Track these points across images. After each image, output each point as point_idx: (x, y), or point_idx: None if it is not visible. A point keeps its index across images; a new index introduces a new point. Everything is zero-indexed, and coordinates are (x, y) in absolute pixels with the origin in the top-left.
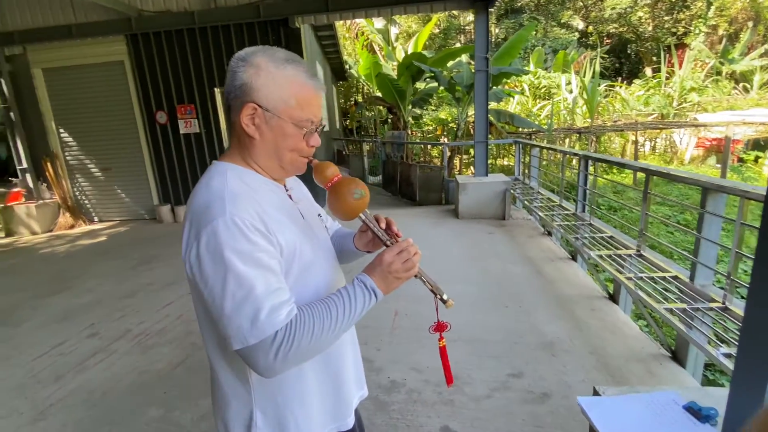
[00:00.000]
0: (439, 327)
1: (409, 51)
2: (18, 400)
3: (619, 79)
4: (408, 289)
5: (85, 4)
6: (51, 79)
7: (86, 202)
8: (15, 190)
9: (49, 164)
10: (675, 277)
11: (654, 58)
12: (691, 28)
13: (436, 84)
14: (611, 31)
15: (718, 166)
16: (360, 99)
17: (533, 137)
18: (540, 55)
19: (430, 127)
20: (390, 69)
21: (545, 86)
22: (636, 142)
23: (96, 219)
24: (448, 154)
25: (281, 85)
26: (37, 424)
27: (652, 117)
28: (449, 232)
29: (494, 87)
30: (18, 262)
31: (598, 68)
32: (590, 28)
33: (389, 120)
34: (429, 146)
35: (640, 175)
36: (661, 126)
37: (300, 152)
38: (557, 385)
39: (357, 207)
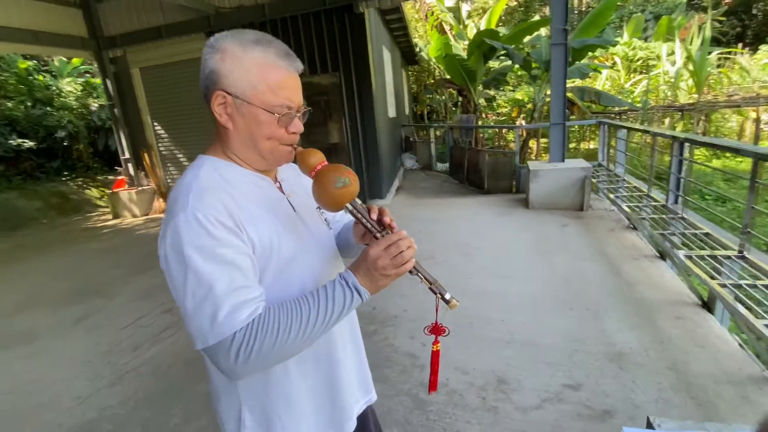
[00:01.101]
0: (436, 330)
1: (482, 28)
2: (102, 365)
3: (740, 45)
4: (468, 285)
5: (171, 6)
6: (146, 77)
7: None
8: (119, 177)
9: (146, 155)
10: None
11: None
12: None
13: (510, 62)
14: None
15: None
16: (431, 82)
17: (624, 117)
18: (638, 23)
19: (505, 109)
20: (460, 49)
21: (642, 58)
22: (758, 120)
23: None
24: (522, 137)
25: (248, 68)
26: (114, 388)
27: None
28: (516, 223)
29: (577, 62)
30: (120, 242)
31: (708, 33)
32: None
33: (460, 103)
34: (504, 130)
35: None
36: None
37: (279, 140)
38: (622, 402)
39: (341, 196)
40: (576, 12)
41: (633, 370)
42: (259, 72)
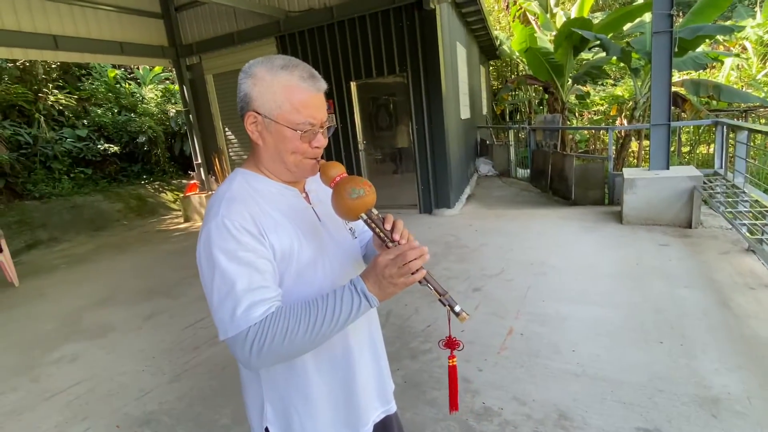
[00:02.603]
0: (450, 344)
1: (573, 17)
2: (164, 362)
3: None
4: (538, 308)
5: (244, 13)
6: (218, 83)
7: None
8: (191, 182)
9: (216, 159)
10: None
11: None
12: None
13: (604, 54)
14: None
15: None
16: (511, 78)
17: (753, 116)
18: None
19: (602, 107)
20: (547, 41)
21: None
22: None
23: None
24: (621, 141)
25: (275, 91)
26: (172, 385)
27: None
28: (604, 239)
29: (689, 50)
30: (190, 244)
31: None
32: None
33: (545, 100)
34: (600, 132)
35: None
36: None
37: (303, 154)
38: None
39: (356, 207)
40: None
41: (729, 419)
42: (284, 93)
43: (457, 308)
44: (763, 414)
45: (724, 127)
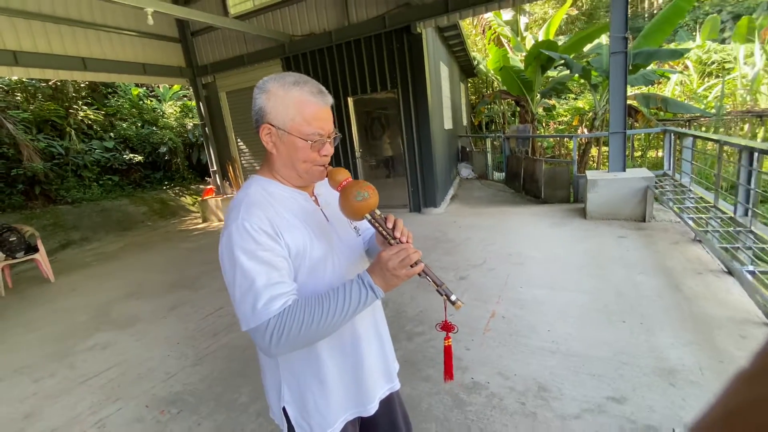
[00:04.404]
0: (446, 327)
1: (540, 39)
2: (187, 348)
3: None
4: (517, 294)
5: (253, 37)
6: (231, 99)
7: None
8: (208, 187)
9: (230, 167)
10: None
11: None
12: None
13: (568, 72)
14: None
15: None
16: (488, 93)
17: (694, 125)
18: (714, 24)
19: (565, 118)
20: (518, 61)
21: (716, 61)
22: None
23: None
24: (582, 146)
25: (287, 105)
26: (195, 368)
27: None
28: (571, 233)
29: (642, 68)
30: (207, 242)
31: None
32: None
33: (517, 113)
34: (564, 139)
35: None
36: None
37: (313, 162)
38: (670, 420)
39: (360, 208)
40: (645, 15)
41: (685, 388)
42: (296, 107)
43: (453, 297)
44: (713, 382)
45: (672, 134)
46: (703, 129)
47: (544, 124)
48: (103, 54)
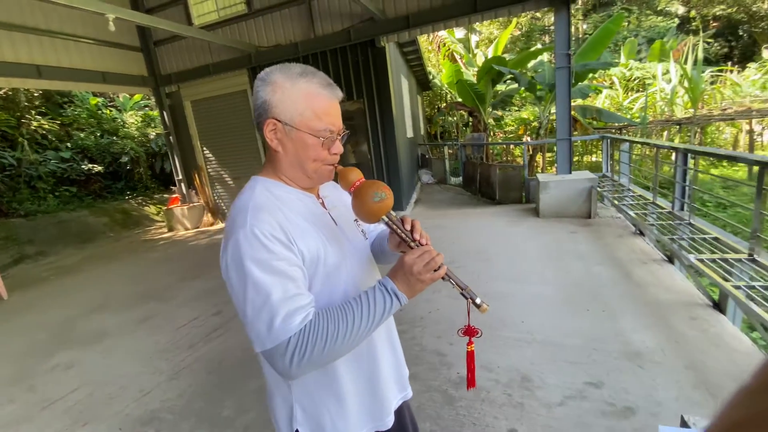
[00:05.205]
0: (469, 331)
1: (489, 56)
2: (161, 362)
3: (729, 63)
4: (488, 288)
5: (218, 47)
6: (196, 108)
7: (222, 204)
8: (173, 195)
9: (196, 175)
10: None
11: None
12: None
13: (516, 85)
14: (718, 13)
15: None
16: (444, 105)
17: (624, 132)
18: (632, 46)
19: (512, 127)
20: (471, 75)
21: (638, 77)
22: (751, 132)
23: None
24: (530, 153)
25: (296, 98)
26: (172, 383)
27: None
28: (528, 231)
29: (579, 83)
30: (174, 252)
31: (701, 54)
32: (692, 12)
33: (470, 123)
34: (512, 146)
35: (756, 168)
36: None
37: (323, 161)
38: (644, 400)
39: (378, 209)
40: (573, 39)
41: (652, 369)
42: (305, 101)
43: (478, 300)
44: (675, 360)
45: (609, 140)
46: (630, 135)
47: (493, 133)
48: (59, 61)
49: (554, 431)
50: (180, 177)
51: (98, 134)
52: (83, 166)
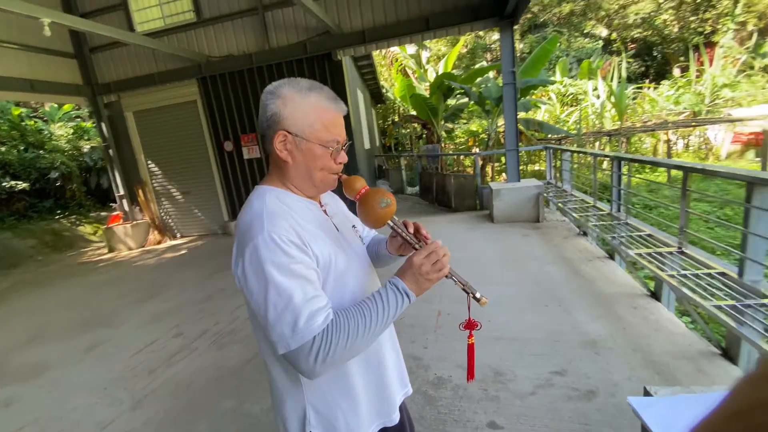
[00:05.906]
0: (470, 325)
1: (440, 72)
2: (119, 391)
3: (647, 81)
4: (447, 290)
5: (165, 55)
6: (140, 119)
7: (170, 221)
8: (114, 213)
9: (140, 191)
10: (722, 274)
11: (681, 59)
12: (719, 27)
13: (466, 99)
14: (636, 36)
15: (758, 159)
16: (396, 118)
17: (563, 142)
18: (564, 65)
19: (462, 139)
20: (423, 90)
21: (572, 94)
22: (668, 141)
23: (178, 235)
24: (480, 162)
25: (306, 111)
26: (135, 412)
27: (684, 115)
28: (485, 236)
29: (522, 98)
30: (118, 274)
31: (624, 72)
32: (614, 35)
33: (424, 135)
34: (462, 156)
35: (675, 172)
36: (693, 123)
37: (329, 170)
38: (603, 383)
39: (384, 215)
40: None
41: (606, 355)
42: (315, 114)
43: (478, 294)
44: (625, 346)
45: (552, 150)
46: (568, 145)
47: (444, 145)
48: None
49: (529, 419)
50: (121, 193)
51: (22, 148)
52: (4, 184)
